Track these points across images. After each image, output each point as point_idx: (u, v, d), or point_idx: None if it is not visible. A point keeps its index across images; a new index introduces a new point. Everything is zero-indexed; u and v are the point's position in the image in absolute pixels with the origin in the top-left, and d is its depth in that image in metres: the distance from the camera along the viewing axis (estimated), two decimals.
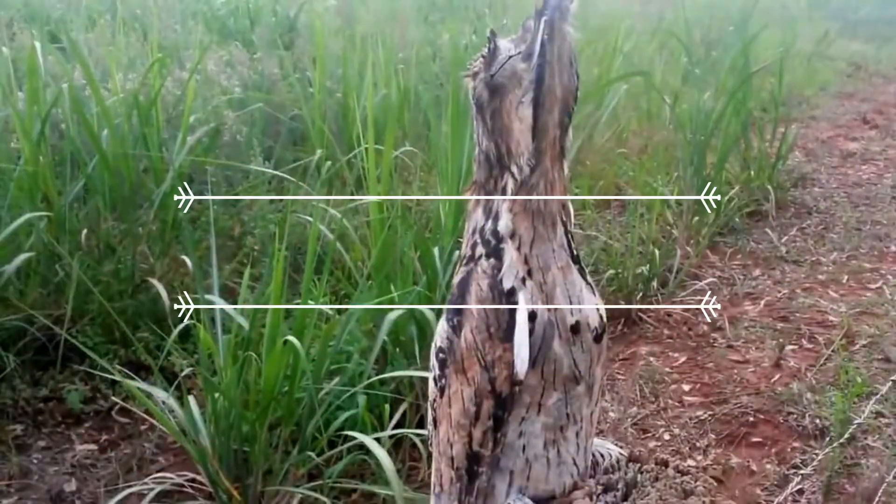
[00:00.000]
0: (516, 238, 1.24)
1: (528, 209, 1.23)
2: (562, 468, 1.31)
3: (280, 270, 2.28)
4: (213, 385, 2.31)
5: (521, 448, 1.28)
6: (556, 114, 1.20)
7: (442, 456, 1.36)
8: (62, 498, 2.52)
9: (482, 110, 1.24)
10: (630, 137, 5.42)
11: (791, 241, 4.76)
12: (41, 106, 3.13)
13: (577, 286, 1.26)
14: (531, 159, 1.21)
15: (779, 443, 2.91)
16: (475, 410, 1.27)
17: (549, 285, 1.23)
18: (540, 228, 1.24)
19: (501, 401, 1.24)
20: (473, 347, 1.25)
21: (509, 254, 1.24)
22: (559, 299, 1.24)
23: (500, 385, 1.23)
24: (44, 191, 3.07)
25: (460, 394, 1.28)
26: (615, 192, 4.98)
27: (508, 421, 1.27)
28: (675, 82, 5.85)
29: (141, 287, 3.16)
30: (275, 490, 2.31)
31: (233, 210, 3.65)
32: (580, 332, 1.25)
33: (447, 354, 1.29)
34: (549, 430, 1.28)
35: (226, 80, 4.25)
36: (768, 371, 3.35)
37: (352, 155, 3.51)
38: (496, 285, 1.24)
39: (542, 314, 1.22)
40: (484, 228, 1.27)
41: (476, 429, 1.27)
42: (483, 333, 1.24)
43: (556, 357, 1.23)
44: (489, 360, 1.24)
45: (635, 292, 3.78)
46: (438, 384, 1.33)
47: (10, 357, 2.83)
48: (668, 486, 1.35)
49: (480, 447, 1.28)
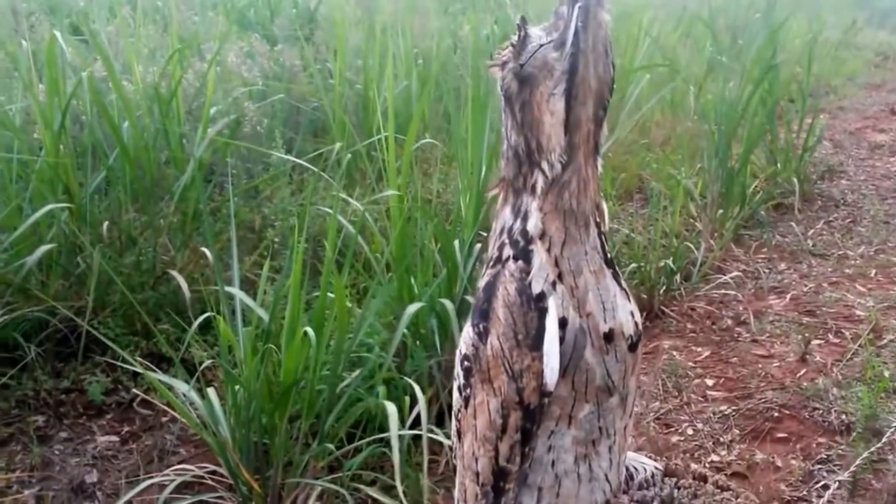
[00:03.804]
0: (546, 239, 1.17)
1: (560, 209, 1.16)
2: (593, 485, 1.24)
3: (299, 263, 2.27)
4: (233, 377, 2.31)
5: (551, 463, 1.22)
6: (591, 107, 1.14)
7: (466, 470, 1.28)
8: (83, 489, 2.53)
9: (511, 102, 1.17)
10: (653, 128, 5.36)
11: (818, 235, 4.69)
12: (61, 97, 3.13)
13: (610, 291, 1.19)
14: (563, 155, 1.14)
15: (804, 438, 2.86)
16: (502, 423, 1.20)
17: (581, 290, 1.17)
18: (572, 229, 1.17)
19: (530, 413, 1.18)
20: (500, 356, 1.18)
21: (539, 256, 1.17)
22: (592, 305, 1.17)
23: (529, 396, 1.17)
24: (65, 182, 3.07)
25: (486, 405, 1.21)
26: (637, 184, 4.93)
27: (537, 434, 1.20)
28: (700, 71, 5.77)
29: (162, 279, 3.16)
30: (295, 482, 2.30)
31: (253, 202, 3.65)
32: (614, 340, 1.18)
33: (472, 363, 1.22)
34: (580, 444, 1.21)
35: (246, 71, 4.24)
36: (794, 366, 3.30)
37: (369, 144, 3.49)
38: (524, 289, 1.17)
39: (574, 321, 1.16)
40: (512, 229, 1.20)
41: (503, 442, 1.21)
42: (510, 341, 1.17)
43: (588, 367, 1.17)
44: (517, 369, 1.17)
45: (658, 286, 3.74)
46: (463, 394, 1.26)
47: (31, 348, 2.85)
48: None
49: (507, 462, 1.22)
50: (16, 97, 3.44)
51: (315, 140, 4.36)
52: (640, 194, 4.93)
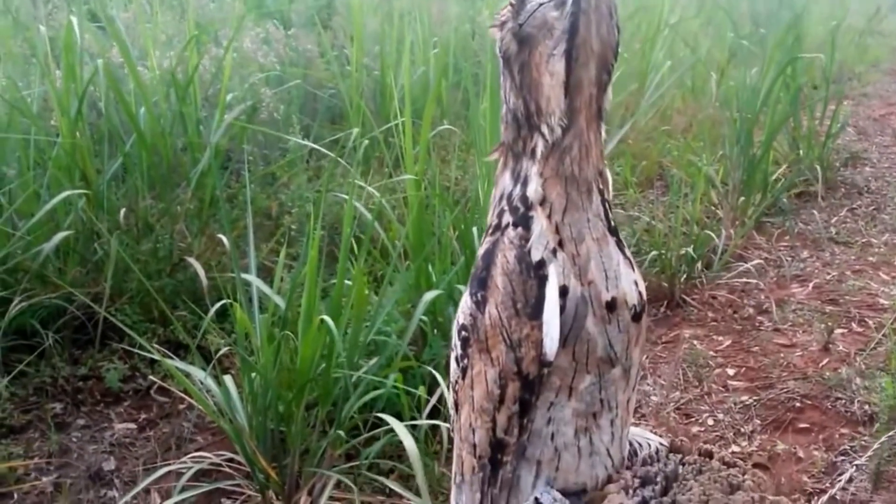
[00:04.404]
0: (547, 205, 1.13)
1: (561, 174, 1.12)
2: (594, 459, 1.21)
3: (315, 250, 2.25)
4: (249, 364, 2.30)
5: (550, 436, 1.19)
6: (593, 69, 1.09)
7: (463, 442, 1.26)
8: (101, 476, 2.53)
9: (509, 64, 1.14)
10: (674, 115, 5.31)
11: (841, 222, 4.64)
12: (78, 83, 3.12)
13: (613, 259, 1.15)
14: (563, 119, 1.10)
15: (826, 429, 2.83)
16: (500, 393, 1.17)
17: (582, 258, 1.13)
18: (573, 195, 1.13)
19: (528, 383, 1.14)
20: (498, 325, 1.15)
21: (539, 222, 1.13)
22: (594, 273, 1.13)
23: (528, 366, 1.14)
24: (82, 169, 3.07)
25: (483, 375, 1.18)
26: (658, 171, 4.89)
27: (536, 406, 1.17)
28: (722, 58, 5.70)
29: (179, 266, 3.15)
30: (312, 471, 2.29)
31: (270, 189, 3.63)
32: (616, 309, 1.14)
33: (470, 332, 1.19)
34: (580, 416, 1.17)
35: (262, 57, 4.22)
36: (816, 355, 3.27)
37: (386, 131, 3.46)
38: (524, 257, 1.13)
39: (575, 289, 1.12)
40: (511, 194, 1.16)
41: (500, 414, 1.18)
42: (509, 310, 1.14)
43: (590, 336, 1.13)
44: (515, 338, 1.14)
45: (678, 274, 3.70)
46: (460, 364, 1.23)
47: (49, 335, 2.85)
48: (713, 480, 1.22)
49: (505, 434, 1.19)
50: (33, 83, 3.44)
51: (332, 127, 4.34)
52: (660, 181, 4.89)
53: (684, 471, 1.25)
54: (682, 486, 1.21)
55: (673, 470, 1.24)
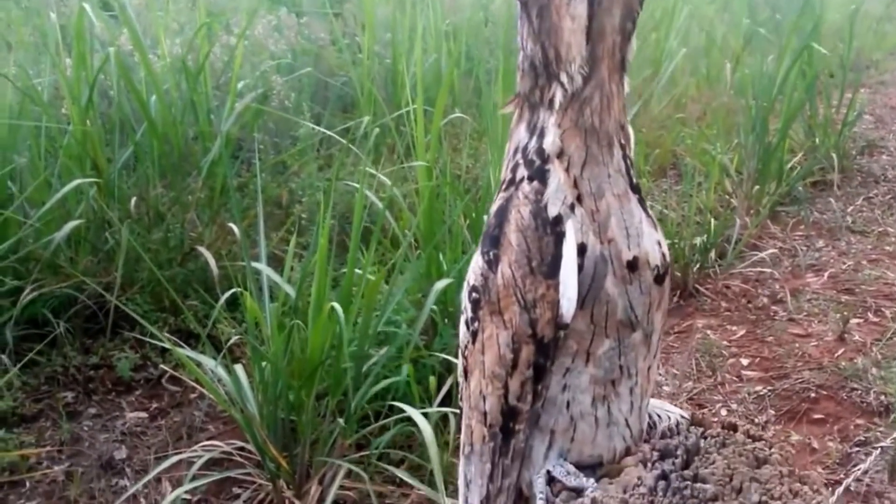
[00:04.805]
0: (565, 158, 1.06)
1: (580, 126, 1.05)
2: (612, 429, 1.14)
3: (325, 238, 2.24)
4: (260, 353, 2.29)
5: (565, 404, 1.11)
6: (617, 15, 1.02)
7: (473, 410, 1.19)
8: (112, 465, 2.53)
9: (527, 7, 1.06)
10: (688, 103, 5.26)
11: (857, 211, 4.59)
12: (89, 71, 3.12)
13: (635, 217, 1.08)
14: (584, 67, 1.03)
15: (842, 420, 2.80)
16: (512, 358, 1.10)
17: (602, 214, 1.06)
18: (594, 148, 1.06)
19: (543, 347, 1.07)
20: (512, 284, 1.07)
21: (556, 176, 1.06)
22: (614, 230, 1.06)
23: (542, 328, 1.07)
24: (93, 157, 3.07)
25: (495, 339, 1.11)
26: (671, 160, 4.85)
27: (551, 371, 1.09)
28: (737, 45, 5.64)
29: (190, 255, 3.15)
30: (322, 461, 2.29)
31: (281, 178, 3.62)
32: (638, 269, 1.07)
33: (481, 293, 1.12)
34: (598, 383, 1.10)
35: (273, 45, 4.21)
36: (831, 345, 3.23)
37: (397, 120, 3.44)
38: (539, 212, 1.06)
39: (594, 247, 1.05)
40: (527, 147, 1.09)
41: (513, 379, 1.11)
42: (523, 268, 1.06)
43: (609, 298, 1.06)
44: (530, 298, 1.06)
45: (692, 264, 3.67)
46: (471, 328, 1.15)
47: (60, 324, 2.85)
48: (738, 454, 1.14)
49: (518, 401, 1.11)
50: (44, 72, 3.44)
51: (343, 116, 4.33)
52: (674, 170, 4.85)
53: (707, 444, 1.17)
54: (704, 460, 1.14)
55: (694, 443, 1.16)
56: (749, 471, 1.11)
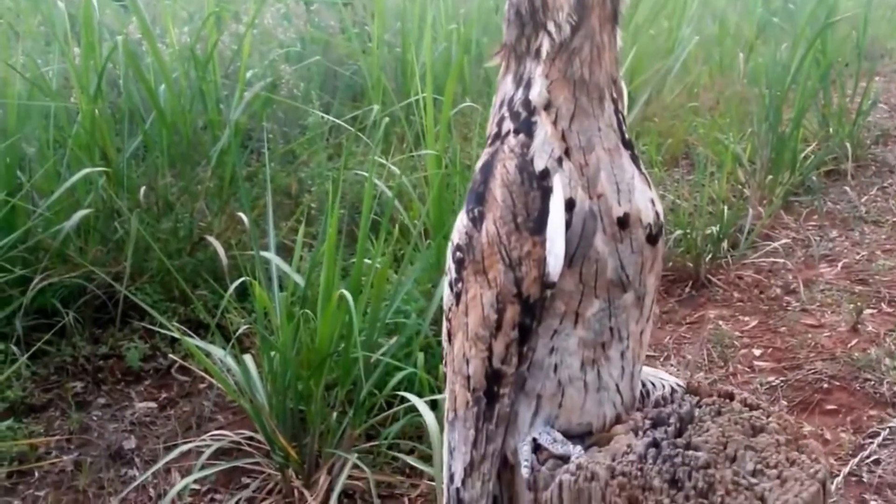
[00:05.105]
0: (552, 110, 1.02)
1: (569, 77, 1.01)
2: (601, 395, 1.09)
3: (334, 227, 2.22)
4: (269, 343, 2.28)
5: (553, 368, 1.06)
6: None
7: (456, 375, 1.14)
8: (121, 455, 2.53)
9: None
10: (701, 92, 5.22)
11: (871, 201, 4.55)
12: (98, 60, 3.11)
13: (627, 172, 1.03)
14: (572, 15, 1.00)
15: (854, 410, 2.78)
16: (497, 319, 1.05)
17: (591, 168, 1.01)
18: (583, 101, 1.02)
19: (529, 307, 1.03)
20: (496, 242, 1.03)
21: (543, 129, 1.02)
22: (604, 185, 1.02)
23: (528, 287, 1.02)
24: (102, 147, 3.06)
25: (479, 299, 1.06)
26: (684, 149, 4.81)
27: (537, 333, 1.05)
28: (751, 33, 5.59)
29: (199, 245, 3.14)
30: (331, 451, 2.28)
31: (290, 167, 3.61)
32: (629, 226, 1.02)
33: (465, 252, 1.07)
34: (587, 347, 1.05)
35: (283, 33, 4.19)
36: (845, 336, 3.20)
37: (407, 110, 3.42)
38: (525, 166, 1.02)
39: (583, 202, 1.01)
40: (513, 99, 1.06)
41: (497, 341, 1.06)
42: (508, 224, 1.02)
43: (599, 256, 1.01)
44: (515, 256, 1.02)
45: (704, 254, 3.64)
46: (454, 289, 1.11)
47: (69, 314, 2.85)
48: (733, 422, 1.11)
49: (502, 363, 1.07)
50: (52, 60, 3.43)
51: (353, 105, 4.30)
52: (686, 160, 4.81)
53: (701, 412, 1.14)
54: (698, 428, 1.11)
55: (688, 411, 1.13)
56: (744, 439, 1.08)
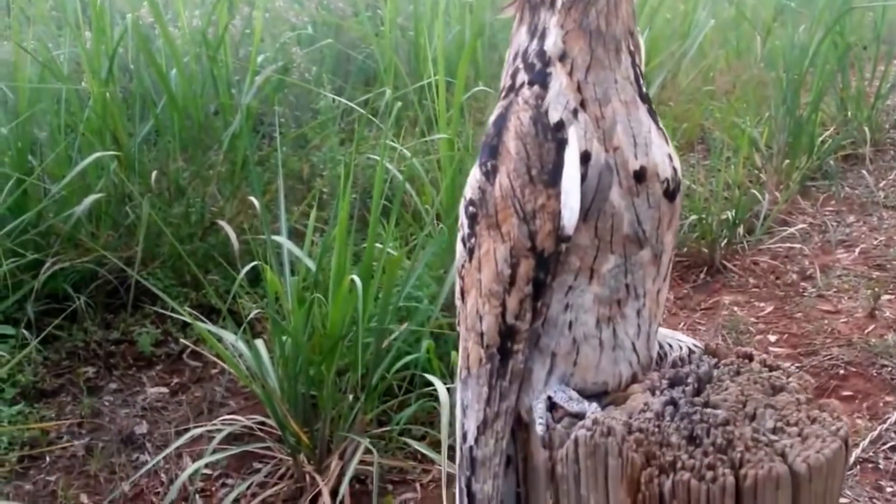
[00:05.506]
0: (568, 61, 1.00)
1: (585, 28, 0.99)
2: (617, 354, 1.06)
3: (346, 211, 2.20)
4: (281, 327, 2.27)
5: (567, 325, 1.04)
6: None
7: (470, 332, 1.11)
8: (133, 440, 2.53)
9: None
10: (717, 76, 5.16)
11: (889, 186, 4.50)
12: (109, 44, 3.10)
13: (644, 125, 1.01)
14: None
15: (871, 397, 2.75)
16: (510, 273, 1.03)
17: (607, 121, 0.99)
18: (599, 52, 0.99)
19: (543, 261, 1.00)
20: (510, 195, 1.01)
21: (558, 80, 1.00)
22: (620, 138, 0.99)
23: (542, 241, 1.00)
24: (113, 131, 3.05)
25: (492, 254, 1.04)
26: (700, 134, 4.77)
27: (552, 288, 1.02)
28: (768, 16, 5.52)
29: (210, 229, 3.13)
30: (343, 436, 2.27)
31: (302, 152, 3.59)
32: (646, 180, 1.00)
33: (478, 207, 1.05)
34: (602, 303, 1.03)
35: (294, 16, 4.16)
36: (862, 322, 3.17)
37: (420, 93, 3.39)
38: (540, 118, 0.99)
39: (599, 155, 0.98)
40: (527, 51, 1.03)
41: (511, 297, 1.03)
42: (522, 177, 1.00)
43: (615, 210, 0.99)
44: (529, 209, 1.00)
45: (719, 239, 3.61)
46: (467, 245, 1.08)
47: (81, 299, 2.84)
48: (753, 381, 1.08)
49: (516, 319, 1.04)
50: (63, 44, 3.42)
51: (365, 88, 4.28)
52: (702, 145, 4.76)
53: (720, 372, 1.11)
54: (716, 387, 1.08)
55: (707, 371, 1.10)
56: (764, 398, 1.05)
